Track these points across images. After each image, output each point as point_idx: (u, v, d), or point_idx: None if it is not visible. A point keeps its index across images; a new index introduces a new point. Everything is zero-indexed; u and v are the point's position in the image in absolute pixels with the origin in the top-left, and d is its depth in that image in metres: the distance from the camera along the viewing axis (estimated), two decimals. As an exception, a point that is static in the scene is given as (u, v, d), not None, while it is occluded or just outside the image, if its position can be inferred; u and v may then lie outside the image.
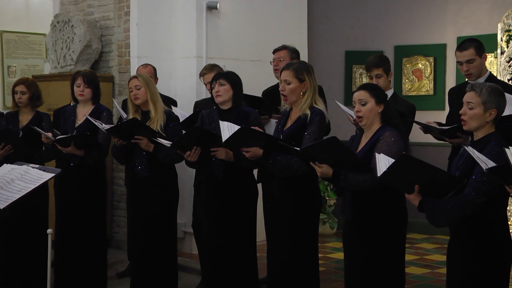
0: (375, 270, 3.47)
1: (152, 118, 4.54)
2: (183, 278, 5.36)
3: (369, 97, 3.50)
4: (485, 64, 4.40)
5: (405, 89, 7.55)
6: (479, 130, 3.16)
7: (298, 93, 4.00)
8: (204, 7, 6.27)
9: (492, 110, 3.13)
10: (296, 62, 4.13)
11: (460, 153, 3.25)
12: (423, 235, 7.09)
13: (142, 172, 4.59)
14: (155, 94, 4.60)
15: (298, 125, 3.98)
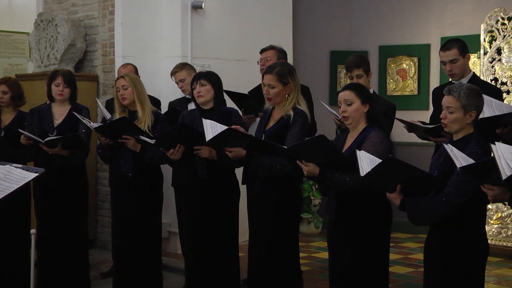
0: (359, 270, 3.48)
1: (140, 119, 4.51)
2: (168, 278, 5.35)
3: (354, 97, 3.52)
4: (468, 64, 4.43)
5: (390, 89, 7.58)
6: (459, 131, 3.21)
7: (283, 95, 4.02)
8: (189, 7, 6.26)
9: (472, 112, 3.17)
10: (278, 65, 4.12)
11: (439, 152, 3.29)
12: (408, 234, 7.13)
13: (127, 172, 4.57)
14: (142, 94, 4.57)
15: (280, 125, 4.00)
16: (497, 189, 2.81)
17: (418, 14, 7.43)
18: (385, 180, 3.14)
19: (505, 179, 2.60)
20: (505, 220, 6.19)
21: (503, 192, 2.81)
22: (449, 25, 7.17)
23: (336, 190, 3.52)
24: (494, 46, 6.30)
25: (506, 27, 6.23)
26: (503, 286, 5.24)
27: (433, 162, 3.32)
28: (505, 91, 6.17)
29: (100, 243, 6.45)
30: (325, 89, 7.79)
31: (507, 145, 2.81)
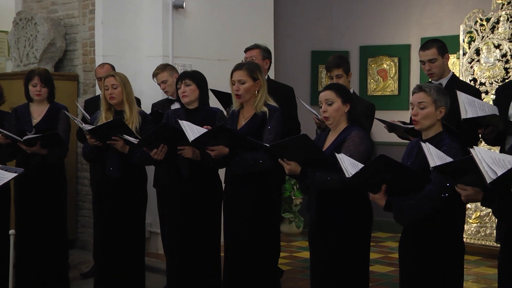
0: (340, 269, 3.50)
1: (127, 119, 4.46)
2: (149, 278, 5.32)
3: (335, 97, 3.54)
4: (447, 65, 4.47)
5: (370, 89, 7.63)
6: (430, 129, 3.25)
7: (253, 91, 4.04)
8: (170, 6, 6.24)
9: (442, 108, 3.24)
10: (247, 62, 4.17)
11: (407, 151, 3.32)
12: (388, 233, 7.17)
13: (114, 173, 4.52)
14: (131, 95, 4.53)
15: (256, 122, 4.01)
16: (470, 189, 2.84)
17: (398, 14, 7.48)
18: (371, 180, 3.15)
19: (491, 182, 2.62)
20: (484, 219, 6.26)
21: (476, 192, 2.84)
22: (429, 25, 7.23)
23: (316, 189, 3.54)
24: (473, 46, 6.37)
25: (484, 28, 6.29)
26: (481, 284, 5.29)
27: (402, 162, 3.34)
28: (484, 91, 6.23)
29: (81, 243, 6.41)
30: (306, 89, 7.81)
31: (485, 149, 2.84)
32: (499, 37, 6.20)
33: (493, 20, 6.24)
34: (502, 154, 2.78)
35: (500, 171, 2.60)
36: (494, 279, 5.25)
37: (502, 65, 6.20)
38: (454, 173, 2.84)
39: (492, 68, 6.24)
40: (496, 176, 2.60)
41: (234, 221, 4.15)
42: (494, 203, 2.91)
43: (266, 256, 4.12)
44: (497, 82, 6.18)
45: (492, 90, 6.21)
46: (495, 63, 6.22)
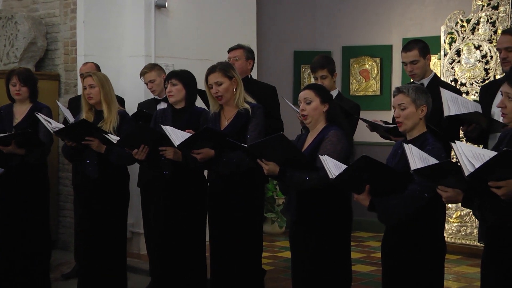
0: (321, 269, 3.51)
1: (105, 119, 4.45)
2: (131, 278, 5.30)
3: (314, 96, 3.56)
4: (429, 65, 4.51)
5: (353, 89, 7.66)
6: (414, 129, 3.27)
7: (232, 90, 4.06)
8: (153, 6, 6.22)
9: (423, 107, 3.26)
10: (218, 64, 4.16)
11: (393, 151, 3.34)
12: (370, 233, 7.21)
13: (92, 173, 4.51)
14: (109, 94, 4.51)
15: (240, 119, 4.02)
16: (450, 191, 2.87)
17: (380, 15, 7.53)
18: (354, 181, 3.16)
19: (468, 175, 2.66)
20: (464, 218, 6.31)
21: (457, 193, 2.87)
22: (411, 26, 7.28)
23: (296, 190, 3.54)
24: (454, 47, 6.42)
25: (465, 29, 6.35)
26: (462, 283, 5.34)
27: (388, 162, 3.36)
28: (464, 91, 6.29)
29: (62, 244, 6.37)
30: (289, 89, 7.83)
31: (466, 143, 2.87)
32: (479, 38, 6.26)
33: (473, 21, 6.30)
34: (483, 149, 2.81)
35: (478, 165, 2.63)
36: (475, 278, 5.32)
37: (482, 66, 6.26)
38: (434, 175, 2.86)
39: (473, 68, 6.30)
40: (474, 169, 2.63)
41: (219, 221, 4.15)
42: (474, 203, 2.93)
43: (250, 256, 4.13)
44: (478, 83, 6.24)
45: (472, 91, 6.27)
46: (476, 63, 6.28)
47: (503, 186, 2.66)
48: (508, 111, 2.95)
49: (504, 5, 6.09)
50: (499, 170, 2.63)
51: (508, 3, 6.06)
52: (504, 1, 6.09)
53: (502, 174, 2.64)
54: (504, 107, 2.96)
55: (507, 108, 2.95)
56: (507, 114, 2.96)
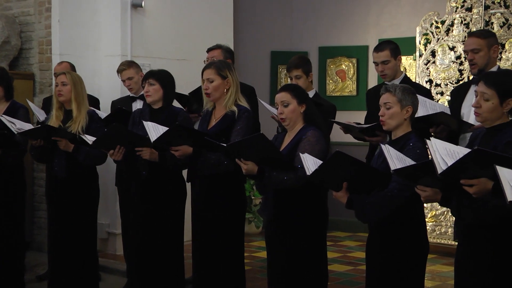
0: (297, 269, 3.52)
1: (74, 119, 4.44)
2: (108, 279, 5.28)
3: (290, 98, 3.56)
4: (400, 66, 4.56)
5: (329, 90, 7.70)
6: (398, 129, 3.27)
7: (222, 90, 4.03)
8: (129, 5, 6.18)
9: (408, 107, 3.26)
10: (217, 61, 4.18)
11: (378, 152, 3.35)
12: (346, 233, 7.25)
13: (60, 173, 4.49)
14: (81, 95, 4.49)
15: (226, 121, 4.01)
16: (429, 190, 2.89)
17: (357, 16, 7.57)
18: (331, 177, 3.18)
19: (440, 173, 2.69)
20: (439, 218, 6.38)
21: (435, 193, 2.90)
22: (387, 27, 7.34)
23: (273, 189, 3.55)
24: (429, 48, 6.49)
25: (439, 31, 6.42)
26: (436, 282, 5.39)
27: (373, 162, 3.37)
28: (439, 92, 6.36)
29: (37, 245, 6.31)
30: (266, 89, 7.84)
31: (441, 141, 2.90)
32: (453, 39, 6.33)
33: (448, 22, 6.37)
34: (458, 147, 2.83)
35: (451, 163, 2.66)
36: (449, 277, 5.37)
37: (457, 67, 6.33)
38: (413, 175, 2.88)
39: (447, 69, 6.37)
40: (447, 166, 2.66)
41: (200, 221, 4.14)
42: (452, 202, 2.97)
43: (233, 256, 4.12)
44: (452, 84, 6.31)
45: (447, 91, 6.34)
46: (450, 64, 6.35)
47: (474, 184, 2.69)
48: (482, 110, 2.98)
49: (477, 7, 6.17)
50: (471, 169, 2.67)
51: (481, 5, 6.14)
52: (478, 3, 6.17)
53: (474, 173, 2.67)
54: (479, 106, 2.99)
55: (482, 108, 2.98)
56: (481, 114, 2.99)
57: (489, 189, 2.67)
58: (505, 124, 2.99)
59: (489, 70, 3.96)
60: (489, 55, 4.01)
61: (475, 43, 4.01)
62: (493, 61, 4.05)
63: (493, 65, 4.04)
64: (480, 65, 3.99)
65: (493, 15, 6.08)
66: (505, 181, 2.33)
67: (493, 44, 4.03)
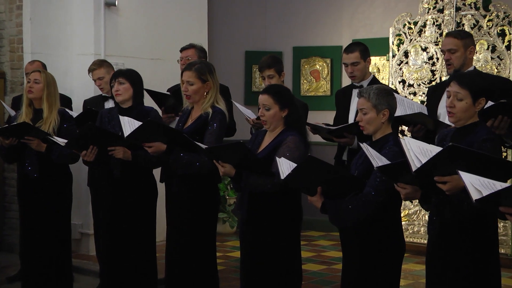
0: (271, 268, 3.52)
1: (44, 119, 4.39)
2: (81, 280, 5.24)
3: (273, 103, 3.54)
4: (369, 68, 4.60)
5: (303, 90, 7.72)
6: (377, 132, 3.28)
7: (202, 93, 4.03)
8: (102, 4, 6.13)
9: (385, 111, 3.24)
10: (198, 62, 4.16)
11: (360, 152, 3.36)
12: (320, 232, 7.29)
13: (32, 172, 4.43)
14: (53, 96, 4.45)
15: (199, 123, 4.00)
16: (409, 188, 2.92)
17: (330, 16, 7.61)
18: (305, 181, 3.18)
19: (414, 171, 2.72)
20: (412, 217, 6.44)
21: (415, 190, 2.93)
22: (360, 28, 7.39)
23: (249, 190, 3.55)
24: (402, 49, 6.54)
25: (412, 31, 6.48)
26: (409, 280, 5.45)
27: (354, 163, 3.38)
28: (412, 92, 6.42)
29: (7, 246, 6.22)
30: (240, 89, 7.84)
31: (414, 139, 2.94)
32: (426, 40, 6.40)
33: (420, 23, 6.43)
34: (431, 145, 2.87)
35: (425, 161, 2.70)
36: (421, 275, 5.43)
37: (429, 68, 6.39)
38: (395, 172, 2.90)
39: (420, 70, 6.44)
40: (421, 164, 2.69)
41: (173, 221, 4.12)
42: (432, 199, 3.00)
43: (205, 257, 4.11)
44: (425, 84, 6.38)
45: (420, 92, 6.40)
46: (423, 65, 6.42)
47: (448, 182, 2.73)
48: (456, 110, 3.02)
49: (449, 9, 6.24)
50: (444, 166, 2.70)
51: (453, 6, 6.21)
52: (449, 5, 6.24)
53: (447, 170, 2.71)
54: (453, 106, 3.03)
55: (456, 107, 3.02)
56: (455, 114, 3.03)
57: (462, 186, 2.70)
58: (476, 123, 3.04)
59: (465, 70, 3.99)
60: (465, 55, 4.03)
61: (452, 43, 4.04)
62: (469, 62, 4.07)
63: (469, 66, 4.07)
64: (456, 65, 4.01)
65: (464, 17, 6.16)
66: (468, 183, 2.39)
67: (469, 45, 4.06)
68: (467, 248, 2.98)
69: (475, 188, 2.37)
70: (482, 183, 2.39)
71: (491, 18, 6.03)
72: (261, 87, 7.44)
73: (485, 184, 2.39)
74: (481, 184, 2.39)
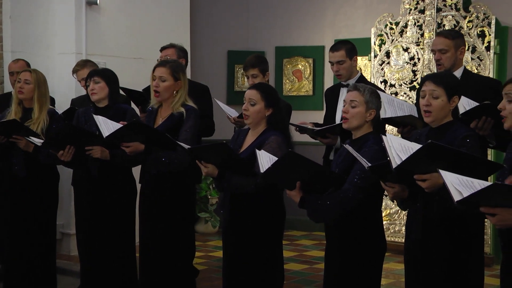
0: (253, 268, 3.53)
1: (34, 119, 4.38)
2: (62, 280, 5.20)
3: (259, 99, 3.53)
4: (356, 66, 4.61)
5: (286, 89, 7.74)
6: (358, 129, 3.28)
7: (172, 91, 4.03)
8: (84, 2, 6.09)
9: (372, 111, 3.26)
10: (172, 61, 4.17)
11: (339, 151, 3.38)
12: (303, 232, 7.30)
13: (19, 172, 4.41)
14: (44, 97, 4.45)
15: (172, 121, 4.01)
16: (397, 187, 2.95)
17: (313, 16, 7.63)
18: (285, 176, 3.18)
19: (395, 168, 2.74)
20: (393, 216, 6.48)
21: (403, 189, 2.96)
22: (342, 28, 7.42)
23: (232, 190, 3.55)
24: (384, 49, 6.58)
25: (394, 32, 6.52)
26: (390, 279, 5.48)
27: (334, 161, 3.40)
28: (394, 93, 6.46)
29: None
30: (222, 88, 7.84)
31: (396, 136, 2.96)
32: (407, 40, 6.44)
33: (402, 24, 6.47)
34: (412, 143, 2.89)
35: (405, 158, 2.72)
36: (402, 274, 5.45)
37: (410, 68, 6.44)
38: (385, 172, 2.92)
39: (401, 70, 6.48)
40: (401, 161, 2.72)
41: (149, 221, 4.11)
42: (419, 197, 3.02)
43: (180, 256, 4.11)
44: (406, 84, 6.42)
45: (401, 92, 6.44)
46: (404, 65, 6.46)
47: (427, 179, 2.75)
48: (433, 108, 3.05)
49: (430, 9, 6.29)
50: (423, 163, 2.73)
51: (434, 7, 6.26)
52: (430, 6, 6.29)
53: (426, 167, 2.73)
54: (430, 105, 3.06)
55: (432, 106, 3.05)
56: (431, 112, 3.06)
57: (440, 184, 2.74)
58: (452, 122, 3.08)
59: (455, 71, 3.99)
60: (456, 56, 4.02)
61: (442, 44, 4.01)
62: (459, 62, 4.06)
63: (459, 66, 4.05)
64: (446, 66, 3.99)
65: (444, 18, 6.21)
66: (449, 184, 2.41)
67: (460, 45, 4.04)
68: (451, 246, 3.01)
69: (456, 188, 2.39)
70: (462, 182, 2.41)
71: (471, 19, 6.08)
72: (244, 87, 7.46)
73: (464, 183, 2.41)
74: (460, 183, 2.40)
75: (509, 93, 2.58)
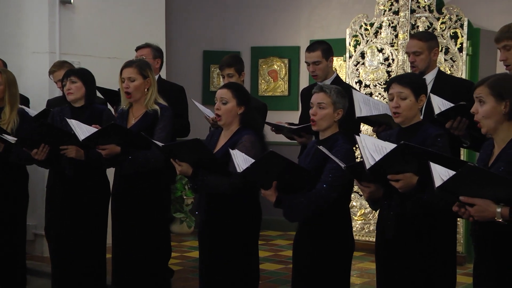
0: (229, 268, 3.53)
1: (5, 120, 4.35)
2: (34, 282, 5.15)
3: (231, 97, 3.54)
4: (332, 67, 4.63)
5: (261, 90, 7.75)
6: (326, 130, 3.32)
7: (143, 89, 4.03)
8: (57, 1, 6.03)
9: (340, 110, 3.31)
10: (136, 60, 4.19)
11: (306, 151, 3.42)
12: (278, 232, 7.32)
13: None
14: (15, 97, 4.42)
15: (147, 120, 4.00)
16: (373, 187, 2.98)
17: (288, 17, 7.66)
18: (262, 176, 3.20)
19: (368, 169, 2.76)
20: (368, 216, 6.53)
21: (378, 189, 2.99)
22: (317, 28, 7.45)
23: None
24: (358, 50, 6.62)
25: (368, 33, 6.57)
26: (365, 279, 5.52)
27: (301, 162, 3.43)
28: (368, 93, 6.50)
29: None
30: (198, 89, 7.83)
31: (370, 136, 2.99)
32: (381, 41, 6.49)
33: (376, 25, 6.52)
34: (386, 142, 2.92)
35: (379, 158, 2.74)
36: (377, 273, 5.51)
37: (385, 69, 6.49)
38: (361, 172, 2.94)
39: (376, 71, 6.52)
40: (374, 161, 2.74)
41: (124, 222, 4.09)
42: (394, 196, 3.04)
43: (155, 256, 4.10)
44: (381, 85, 6.47)
45: (376, 92, 6.49)
46: (379, 66, 6.50)
47: (400, 180, 2.79)
48: (402, 109, 3.11)
49: (404, 11, 6.34)
50: (397, 164, 2.75)
51: (408, 9, 6.32)
52: (404, 7, 6.35)
53: (399, 168, 2.76)
54: (398, 106, 3.11)
55: (401, 107, 3.11)
56: (401, 113, 3.12)
57: (413, 184, 2.78)
58: (421, 122, 3.16)
59: (429, 72, 4.03)
60: (430, 57, 4.05)
61: (416, 46, 4.04)
62: (433, 64, 4.09)
63: (433, 68, 4.09)
64: (421, 68, 4.03)
65: (418, 19, 6.27)
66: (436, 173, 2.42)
67: (434, 47, 4.07)
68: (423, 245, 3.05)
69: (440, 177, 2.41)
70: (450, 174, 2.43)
71: (444, 21, 6.15)
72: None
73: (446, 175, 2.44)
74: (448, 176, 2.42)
75: (479, 96, 2.62)
